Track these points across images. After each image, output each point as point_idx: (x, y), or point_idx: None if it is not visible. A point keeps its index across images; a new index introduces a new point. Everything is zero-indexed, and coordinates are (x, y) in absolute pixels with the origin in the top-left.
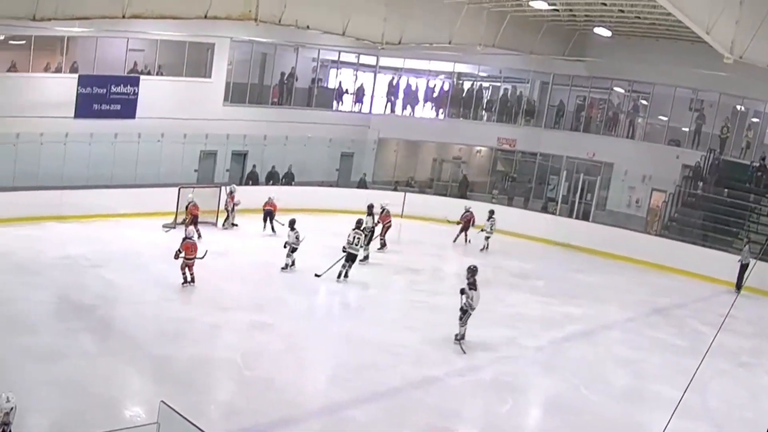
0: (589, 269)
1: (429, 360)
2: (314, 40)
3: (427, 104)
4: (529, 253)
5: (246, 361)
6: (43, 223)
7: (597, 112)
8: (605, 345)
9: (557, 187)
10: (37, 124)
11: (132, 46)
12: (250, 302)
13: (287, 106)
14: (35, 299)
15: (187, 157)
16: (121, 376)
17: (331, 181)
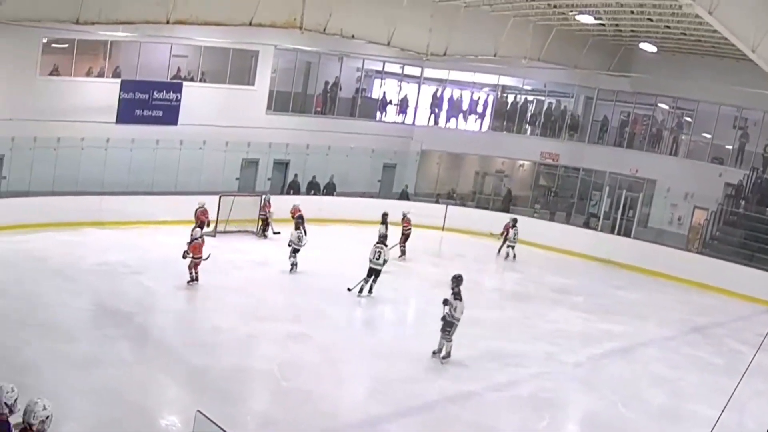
0: (630, 286)
1: (467, 374)
2: (359, 49)
3: (471, 117)
4: (570, 268)
5: (283, 371)
6: (82, 228)
7: (641, 128)
8: (643, 362)
9: (599, 203)
10: (79, 128)
11: (176, 51)
12: (288, 313)
13: (330, 115)
14: (73, 305)
15: (228, 165)
16: (157, 385)
17: (373, 192)
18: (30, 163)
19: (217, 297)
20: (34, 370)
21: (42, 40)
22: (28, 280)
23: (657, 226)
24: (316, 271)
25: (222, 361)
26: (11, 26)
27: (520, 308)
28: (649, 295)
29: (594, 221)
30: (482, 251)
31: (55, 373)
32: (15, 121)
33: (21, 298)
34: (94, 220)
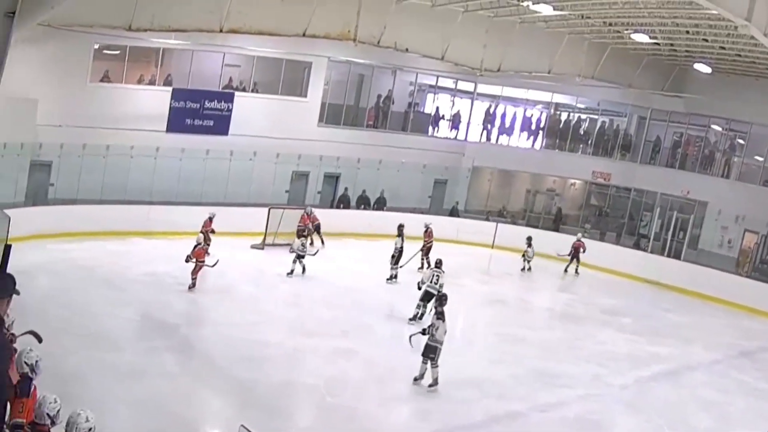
0: (678, 308)
1: (513, 394)
2: (412, 63)
3: (523, 134)
4: (619, 289)
5: (328, 387)
6: (129, 238)
7: (693, 149)
8: (690, 386)
9: (650, 224)
10: (128, 136)
11: (228, 61)
12: (336, 328)
13: (382, 129)
14: (119, 315)
15: (278, 177)
16: (201, 397)
17: (423, 207)
18: (78, 170)
19: (265, 310)
20: (78, 380)
21: (93, 46)
22: (75, 289)
23: (707, 248)
24: (364, 287)
25: (267, 375)
26: (63, 31)
27: (568, 329)
28: (698, 318)
29: (644, 242)
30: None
31: (99, 384)
32: (64, 127)
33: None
34: (142, 230)
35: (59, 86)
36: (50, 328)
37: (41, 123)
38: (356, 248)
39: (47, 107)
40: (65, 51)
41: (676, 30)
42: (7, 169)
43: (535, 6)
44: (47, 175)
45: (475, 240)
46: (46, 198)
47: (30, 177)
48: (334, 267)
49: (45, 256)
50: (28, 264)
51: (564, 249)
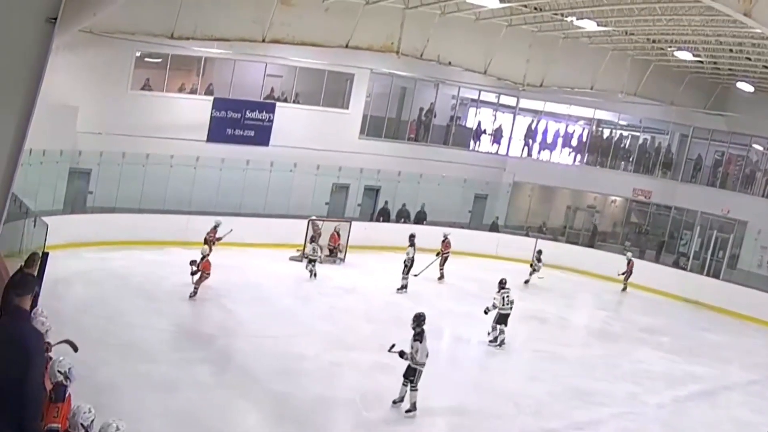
0: (716, 328)
1: (550, 412)
2: (455, 77)
3: (565, 149)
4: (657, 308)
5: (365, 402)
6: (167, 248)
7: (734, 168)
8: (726, 406)
9: (689, 243)
10: (168, 145)
11: (270, 71)
12: (373, 342)
13: (424, 143)
14: (155, 326)
15: (318, 189)
16: (236, 411)
17: (463, 222)
18: (118, 178)
19: (302, 323)
20: (112, 391)
21: (135, 53)
22: (111, 299)
23: (746, 268)
24: (402, 301)
25: (303, 388)
26: (105, 38)
27: (605, 346)
28: (735, 338)
29: (683, 261)
30: (570, 286)
31: (133, 395)
32: (104, 135)
33: (103, 316)
34: (180, 240)
35: (100, 94)
36: (85, 338)
37: (81, 130)
38: (395, 262)
39: (87, 114)
40: (106, 58)
41: (720, 48)
42: (47, 176)
43: (579, 21)
44: (86, 183)
45: (515, 255)
46: (84, 206)
47: (69, 184)
48: (373, 281)
49: (82, 264)
50: (65, 272)
51: (621, 267)
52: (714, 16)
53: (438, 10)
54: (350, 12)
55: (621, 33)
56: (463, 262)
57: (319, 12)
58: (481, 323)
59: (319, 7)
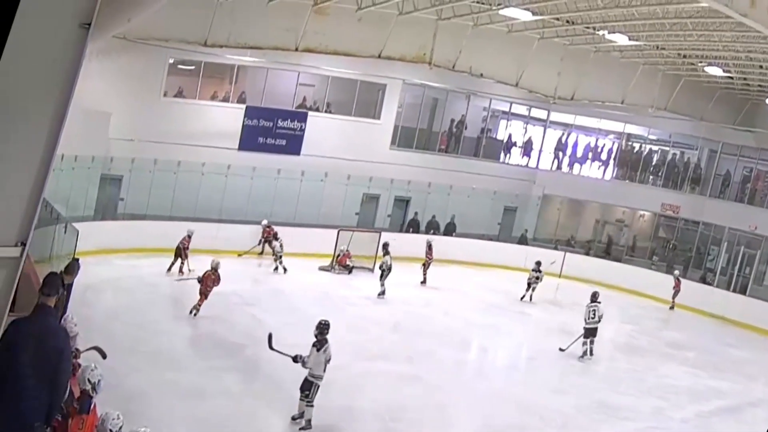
0: (741, 344)
1: (575, 425)
2: (486, 89)
3: (594, 163)
4: (683, 323)
5: (391, 412)
6: (197, 255)
7: (763, 184)
8: (751, 422)
9: (717, 258)
10: (200, 153)
11: (302, 80)
12: (400, 353)
13: (454, 154)
14: (184, 334)
15: (349, 199)
16: (263, 419)
17: (492, 234)
18: (149, 185)
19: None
20: (140, 398)
21: (168, 60)
22: (141, 306)
23: None
24: (430, 313)
25: (331, 398)
26: (138, 44)
27: (632, 361)
28: (761, 354)
29: (711, 276)
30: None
31: (161, 402)
32: (136, 141)
33: (133, 324)
34: (210, 248)
35: (132, 100)
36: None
37: (113, 137)
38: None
39: (120, 121)
40: (140, 64)
41: (750, 64)
42: (78, 181)
43: (611, 35)
44: (117, 189)
45: (543, 268)
46: (115, 212)
47: (100, 190)
48: (401, 292)
49: (112, 271)
50: (95, 278)
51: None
52: (744, 32)
53: (471, 22)
54: (383, 22)
55: (652, 47)
56: (492, 274)
57: (352, 21)
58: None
59: (353, 17)
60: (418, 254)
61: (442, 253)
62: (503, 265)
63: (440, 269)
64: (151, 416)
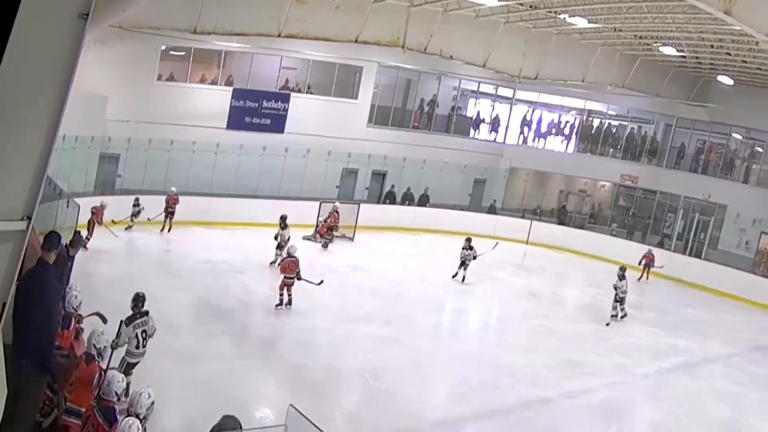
0: (698, 305)
1: (544, 382)
2: (456, 70)
3: (557, 138)
4: (643, 285)
5: (372, 372)
6: (190, 227)
7: (715, 155)
8: (708, 378)
9: (673, 225)
10: (191, 132)
11: (285, 64)
12: (380, 317)
13: (427, 131)
14: (178, 301)
15: (329, 173)
16: (254, 379)
17: (463, 205)
18: (144, 163)
19: (315, 298)
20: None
21: (160, 47)
22: (138, 275)
23: (726, 248)
24: (407, 279)
25: (316, 359)
26: (132, 33)
27: (595, 321)
28: (716, 314)
29: (668, 242)
30: (562, 266)
31: (158, 365)
32: (132, 123)
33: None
34: (202, 220)
35: (128, 84)
36: (114, 311)
37: (110, 118)
38: (400, 242)
39: (116, 104)
40: (134, 51)
41: (702, 44)
42: (79, 160)
43: (571, 19)
44: (115, 166)
45: (511, 236)
46: (113, 188)
47: (99, 168)
48: (380, 259)
49: (111, 242)
50: (95, 249)
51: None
52: (696, 14)
53: (441, 8)
54: (359, 9)
55: (610, 29)
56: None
57: (330, 9)
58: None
59: (331, 5)
60: (394, 224)
61: (418, 223)
62: (474, 233)
63: (416, 238)
64: (149, 379)
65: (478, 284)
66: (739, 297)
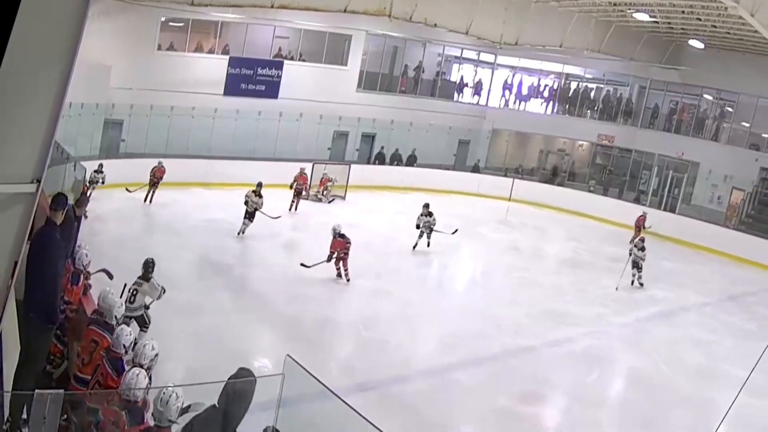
0: (673, 257)
1: (527, 332)
2: (440, 37)
3: (537, 100)
4: (621, 239)
5: (365, 323)
6: (190, 188)
7: (687, 115)
8: (683, 326)
9: (648, 181)
10: (190, 99)
11: (278, 33)
12: (372, 271)
13: (413, 95)
14: (180, 257)
15: (321, 136)
16: (252, 331)
17: (448, 164)
18: (146, 128)
19: (309, 254)
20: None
21: (160, 18)
22: (142, 233)
23: (699, 203)
24: (396, 235)
25: (311, 311)
26: (134, 5)
27: (576, 274)
28: (690, 266)
29: (643, 197)
30: (543, 222)
31: (161, 319)
32: (134, 90)
33: (136, 249)
34: (202, 182)
35: (130, 54)
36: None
37: (114, 86)
38: (390, 200)
39: (119, 72)
40: (135, 23)
41: (673, 10)
42: (84, 126)
43: None
44: (119, 132)
45: (494, 194)
46: (117, 152)
47: (104, 133)
48: (370, 216)
49: (115, 203)
50: (101, 210)
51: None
52: None
53: None
54: None
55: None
56: (449, 200)
57: None
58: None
59: None
60: (384, 183)
61: (406, 182)
62: (459, 191)
63: (404, 196)
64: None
65: (464, 239)
66: (712, 249)
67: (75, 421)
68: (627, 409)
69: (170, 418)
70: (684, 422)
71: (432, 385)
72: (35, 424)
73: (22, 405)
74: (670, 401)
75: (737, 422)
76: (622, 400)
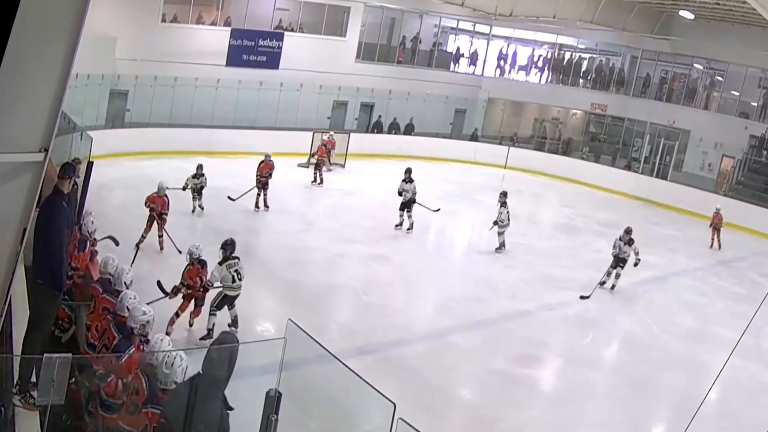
0: (665, 222)
1: (522, 295)
2: (437, 8)
3: (532, 70)
4: (613, 205)
5: (364, 288)
6: (193, 157)
7: (678, 84)
8: (675, 290)
9: (641, 149)
10: (193, 69)
11: (279, 5)
12: (370, 236)
13: (411, 65)
14: (183, 224)
15: (321, 105)
16: (256, 296)
17: (445, 133)
18: (151, 98)
19: (309, 220)
20: (147, 278)
21: None
22: None
23: (690, 170)
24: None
25: (312, 276)
26: None
27: (570, 239)
28: (682, 231)
29: (636, 165)
30: (539, 188)
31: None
32: (139, 61)
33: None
34: (205, 150)
35: (135, 26)
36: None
37: (119, 57)
38: (388, 168)
39: (124, 44)
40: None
41: None
42: (90, 96)
43: None
44: (124, 102)
45: (491, 161)
46: (123, 122)
47: (109, 104)
48: (369, 184)
49: (121, 171)
50: (107, 178)
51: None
52: None
53: None
54: None
55: None
56: (446, 167)
57: None
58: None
59: None
60: (382, 151)
61: (404, 150)
62: (455, 159)
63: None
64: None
65: (461, 205)
66: (703, 215)
67: (86, 384)
68: (621, 371)
69: (176, 380)
70: (677, 383)
71: (431, 348)
72: (44, 387)
73: (31, 368)
74: (662, 363)
75: (728, 384)
76: (616, 361)
